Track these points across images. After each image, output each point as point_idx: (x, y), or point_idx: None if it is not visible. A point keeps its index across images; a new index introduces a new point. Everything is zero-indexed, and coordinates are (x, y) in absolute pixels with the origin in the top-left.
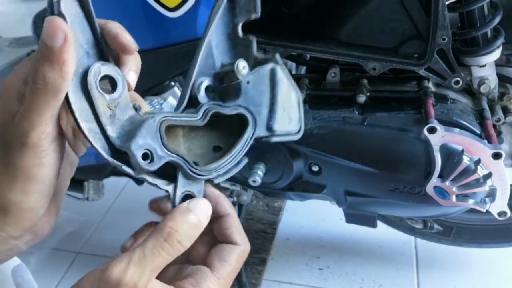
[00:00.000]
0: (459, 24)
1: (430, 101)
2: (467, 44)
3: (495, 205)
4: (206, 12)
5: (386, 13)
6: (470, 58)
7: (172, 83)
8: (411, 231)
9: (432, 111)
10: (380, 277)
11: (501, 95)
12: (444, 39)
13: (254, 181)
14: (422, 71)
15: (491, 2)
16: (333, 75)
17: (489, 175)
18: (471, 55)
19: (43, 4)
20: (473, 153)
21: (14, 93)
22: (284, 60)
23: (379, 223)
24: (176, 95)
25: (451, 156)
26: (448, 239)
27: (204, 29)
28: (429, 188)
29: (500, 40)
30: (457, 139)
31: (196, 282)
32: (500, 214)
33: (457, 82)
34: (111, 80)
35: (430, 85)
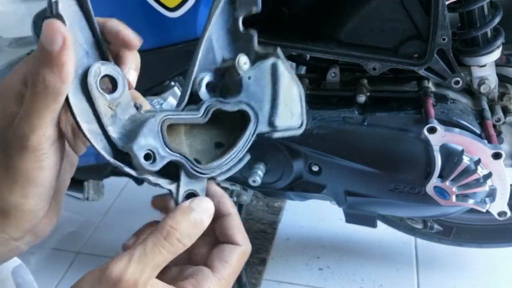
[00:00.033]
0: (459, 24)
1: (430, 101)
2: (467, 44)
3: (495, 205)
4: (206, 12)
5: (386, 13)
6: (470, 58)
7: (172, 83)
8: (411, 231)
9: (432, 111)
10: (380, 277)
11: (501, 95)
12: (444, 39)
13: (254, 181)
14: (422, 71)
15: (491, 2)
16: (333, 75)
17: (489, 175)
18: (471, 55)
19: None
20: (473, 153)
21: (13, 95)
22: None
23: (379, 223)
24: (176, 95)
25: (451, 156)
26: (448, 239)
27: (205, 24)
28: (429, 188)
29: (500, 40)
30: (457, 139)
31: (197, 283)
32: (500, 214)
33: (457, 82)
34: (112, 80)
35: (430, 85)
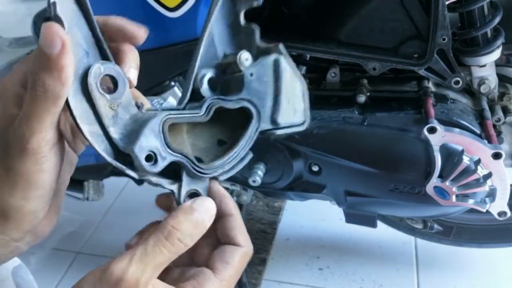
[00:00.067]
0: (459, 24)
1: (430, 101)
2: (467, 44)
3: (495, 205)
4: (206, 12)
5: (386, 13)
6: (470, 58)
7: (172, 83)
8: (411, 231)
9: (432, 111)
10: (380, 277)
11: (501, 95)
12: (444, 39)
13: (254, 181)
14: (422, 71)
15: (491, 2)
16: (333, 75)
17: (489, 175)
18: (471, 55)
19: (43, 4)
20: (473, 153)
21: (12, 96)
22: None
23: (379, 223)
24: (176, 95)
25: (451, 156)
26: (448, 239)
27: (205, 19)
28: (429, 188)
29: (500, 40)
30: (457, 139)
31: (198, 284)
32: (500, 214)
33: (457, 82)
34: (112, 79)
35: (430, 85)
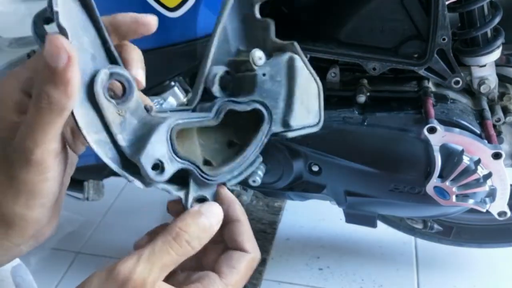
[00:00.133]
0: (459, 24)
1: (430, 101)
2: (467, 44)
3: (495, 205)
4: (206, 12)
5: (386, 13)
6: (470, 58)
7: (172, 83)
8: (411, 231)
9: (432, 111)
10: (380, 277)
11: (501, 95)
12: (444, 39)
13: (254, 181)
14: (422, 71)
15: (491, 2)
16: (333, 75)
17: (489, 175)
18: (471, 55)
19: (43, 4)
20: (473, 153)
21: (12, 104)
22: None
23: (379, 223)
24: (176, 95)
25: (451, 156)
26: (448, 239)
27: (219, 13)
28: (429, 188)
29: (500, 40)
30: (457, 139)
31: (203, 287)
32: (500, 214)
33: (457, 82)
34: (120, 83)
35: (430, 85)
